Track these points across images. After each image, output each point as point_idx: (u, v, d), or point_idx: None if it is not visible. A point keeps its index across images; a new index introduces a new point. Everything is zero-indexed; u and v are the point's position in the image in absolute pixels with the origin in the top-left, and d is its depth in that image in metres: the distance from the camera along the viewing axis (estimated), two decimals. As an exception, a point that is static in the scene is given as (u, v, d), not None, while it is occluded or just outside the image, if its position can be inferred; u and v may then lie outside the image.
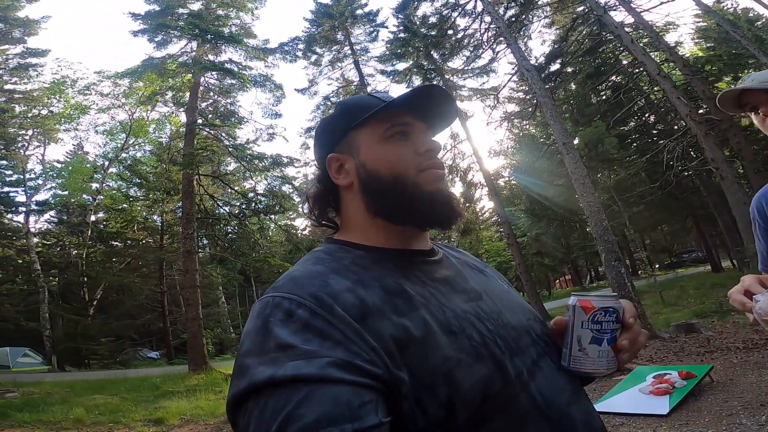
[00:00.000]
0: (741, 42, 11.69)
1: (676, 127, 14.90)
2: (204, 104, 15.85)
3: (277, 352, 0.48)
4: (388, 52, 17.08)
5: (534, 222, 20.11)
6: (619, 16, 12.29)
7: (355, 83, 17.90)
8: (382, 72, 17.82)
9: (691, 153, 13.34)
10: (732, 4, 16.96)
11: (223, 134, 15.57)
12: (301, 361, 0.46)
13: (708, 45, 16.40)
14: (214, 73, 15.21)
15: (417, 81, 16.49)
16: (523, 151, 18.65)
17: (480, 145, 54.39)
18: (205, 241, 20.02)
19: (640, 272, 21.28)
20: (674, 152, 12.97)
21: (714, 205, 16.00)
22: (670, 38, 15.55)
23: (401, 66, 17.12)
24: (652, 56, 11.65)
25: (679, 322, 7.15)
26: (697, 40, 17.11)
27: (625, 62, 14.86)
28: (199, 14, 14.75)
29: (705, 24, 15.91)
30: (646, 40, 13.33)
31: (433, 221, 0.66)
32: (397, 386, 0.49)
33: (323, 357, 0.47)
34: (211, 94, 16.25)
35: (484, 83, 17.23)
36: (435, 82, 15.72)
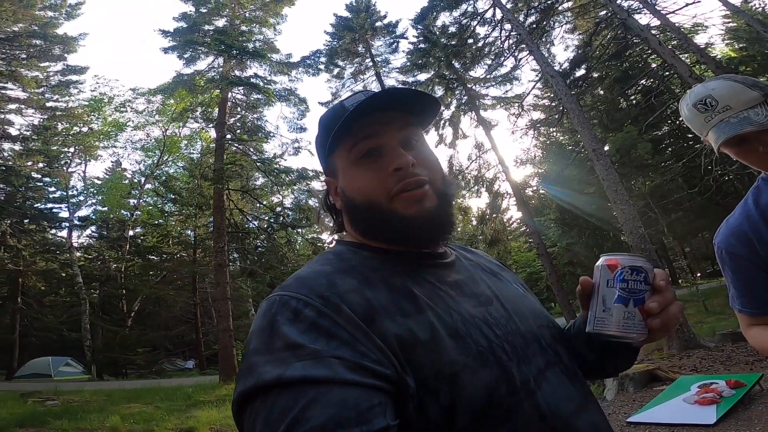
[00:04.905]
0: None
1: (714, 129, 14.30)
2: (232, 120, 16.34)
3: (284, 352, 0.47)
4: (409, 63, 17.23)
5: (564, 232, 19.59)
6: (644, 19, 11.99)
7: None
8: (404, 83, 17.95)
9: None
10: (760, 4, 16.34)
11: (251, 149, 16.00)
12: (309, 361, 0.45)
13: (740, 45, 15.81)
14: (240, 88, 15.71)
15: (439, 91, 16.51)
16: (550, 160, 18.27)
17: (506, 154, 53.75)
18: (235, 255, 20.55)
19: (680, 281, 20.33)
20: (712, 156, 12.42)
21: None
22: (700, 40, 14.98)
23: (423, 76, 17.18)
24: (683, 58, 11.28)
25: (725, 330, 6.75)
26: (728, 41, 16.52)
27: (654, 65, 14.44)
28: (224, 30, 15.32)
29: (734, 24, 15.36)
30: (674, 42, 12.94)
31: (416, 242, 0.64)
32: (405, 388, 0.48)
33: (331, 357, 0.46)
34: (238, 109, 16.75)
35: (507, 91, 17.05)
36: (433, 91, 15.68)
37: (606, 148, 12.87)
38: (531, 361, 0.57)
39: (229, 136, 15.18)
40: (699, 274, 23.75)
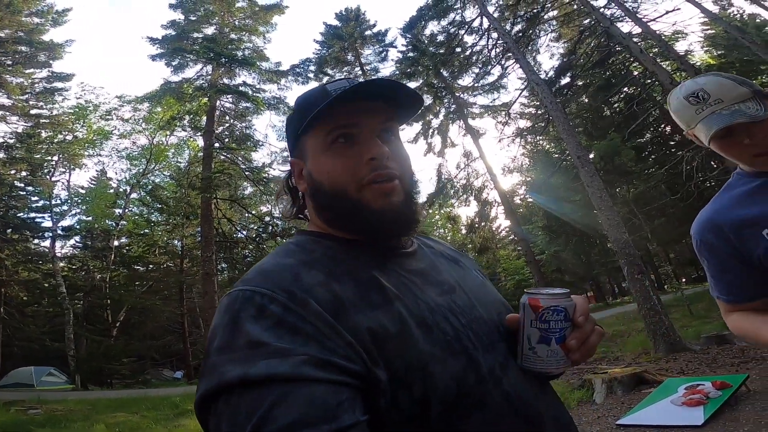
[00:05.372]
0: (751, 48, 11.56)
1: (695, 136, 14.60)
2: (220, 128, 16.28)
3: (248, 350, 0.45)
4: (398, 72, 17.39)
5: (552, 239, 19.78)
6: (626, 27, 12.28)
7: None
8: (394, 92, 18.05)
9: (712, 163, 13.03)
10: (737, 11, 16.69)
11: (240, 158, 15.94)
12: (275, 359, 0.44)
13: (718, 52, 16.21)
14: (229, 96, 15.67)
15: (428, 100, 16.67)
16: (537, 168, 18.51)
17: (494, 162, 54.23)
18: (224, 265, 20.35)
19: (666, 286, 20.63)
20: (693, 162, 12.71)
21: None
22: (680, 47, 15.40)
23: (412, 85, 17.31)
24: (663, 66, 11.56)
25: (710, 333, 6.86)
26: (707, 48, 16.93)
27: (636, 73, 14.77)
28: (214, 38, 15.32)
29: (713, 31, 15.76)
30: (655, 50, 13.26)
31: (383, 236, 0.63)
32: (375, 383, 0.48)
33: (298, 355, 0.45)
34: (227, 118, 16.69)
35: (494, 100, 17.33)
36: (423, 97, 15.83)
37: (591, 155, 13.09)
38: (495, 348, 0.58)
39: (217, 145, 15.12)
40: (684, 279, 24.13)
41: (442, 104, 17.10)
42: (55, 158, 20.28)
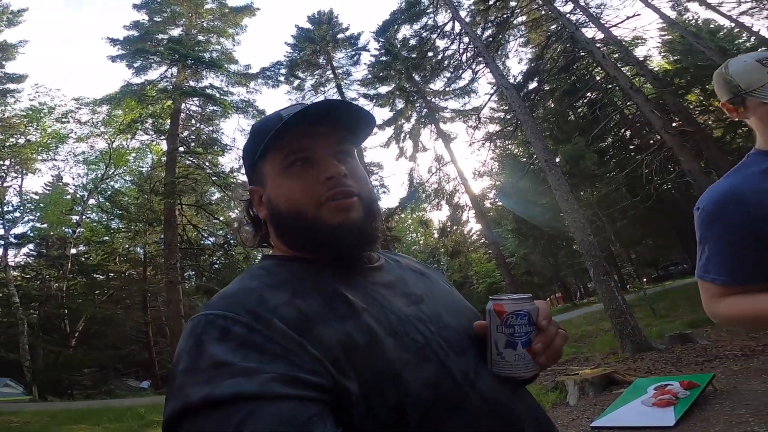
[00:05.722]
0: (705, 53, 12.13)
1: (651, 141, 15.22)
2: (186, 132, 15.82)
3: (213, 371, 0.45)
4: (370, 76, 17.39)
5: (521, 242, 20.22)
6: (590, 32, 12.69)
7: (340, 108, 18.11)
8: (365, 96, 18.08)
9: (669, 166, 13.62)
10: (693, 16, 17.29)
11: (207, 162, 15.58)
12: (241, 378, 0.44)
13: (675, 58, 16.96)
14: (195, 99, 15.24)
15: (400, 104, 16.73)
16: (506, 171, 18.89)
17: (465, 166, 55.09)
18: (191, 272, 19.82)
19: (629, 286, 21.36)
20: (652, 166, 13.25)
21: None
22: (639, 52, 16.04)
23: (384, 89, 17.38)
24: (624, 71, 11.99)
25: (673, 333, 7.07)
26: (664, 54, 17.70)
27: (598, 78, 15.29)
28: (179, 40, 14.92)
29: (670, 37, 16.48)
30: (616, 55, 13.75)
31: (343, 251, 0.63)
32: (346, 395, 0.48)
33: (265, 373, 0.44)
34: (193, 121, 16.23)
35: (465, 104, 17.59)
36: (342, 102, 15.89)
37: (557, 159, 13.43)
38: (466, 354, 0.59)
39: (182, 149, 14.63)
40: (645, 279, 25.15)
41: (414, 108, 17.19)
42: (7, 162, 19.12)
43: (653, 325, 9.24)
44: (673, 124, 12.34)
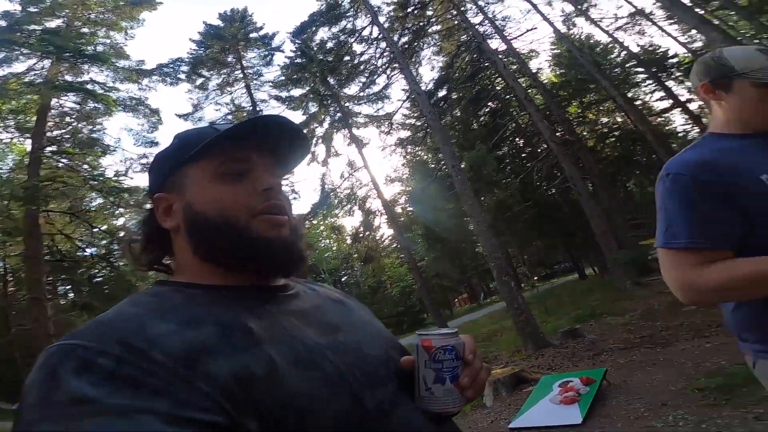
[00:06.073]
0: (585, 66, 13.68)
1: (540, 149, 16.74)
2: (59, 131, 13.79)
3: (70, 407, 0.37)
4: (283, 78, 16.78)
5: (430, 246, 20.89)
6: (495, 43, 13.62)
7: (247, 109, 17.14)
8: (277, 98, 17.38)
9: (555, 173, 15.14)
10: (579, 31, 18.89)
11: (85, 165, 13.75)
12: (107, 416, 0.37)
13: (561, 71, 18.90)
14: (71, 95, 13.34)
15: (313, 107, 16.33)
16: (416, 177, 19.44)
17: (377, 172, 55.88)
18: (67, 286, 17.44)
19: (523, 285, 23.34)
20: (541, 172, 14.62)
21: (575, 219, 18.17)
22: (533, 65, 17.57)
23: (297, 92, 16.86)
24: (520, 82, 13.04)
25: (564, 328, 7.69)
26: (552, 67, 19.65)
27: (499, 88, 16.45)
28: (56, 31, 13.12)
29: (559, 51, 18.30)
30: (515, 66, 14.90)
31: (269, 269, 0.61)
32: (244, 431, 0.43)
33: (141, 412, 0.38)
34: (68, 119, 14.21)
35: (379, 110, 17.77)
36: (281, 116, 15.66)
37: (462, 165, 14.11)
38: (384, 384, 0.56)
39: (52, 149, 12.62)
40: (536, 278, 27.73)
41: (328, 112, 16.91)
42: None
43: (547, 321, 10.02)
44: (557, 134, 13.76)
